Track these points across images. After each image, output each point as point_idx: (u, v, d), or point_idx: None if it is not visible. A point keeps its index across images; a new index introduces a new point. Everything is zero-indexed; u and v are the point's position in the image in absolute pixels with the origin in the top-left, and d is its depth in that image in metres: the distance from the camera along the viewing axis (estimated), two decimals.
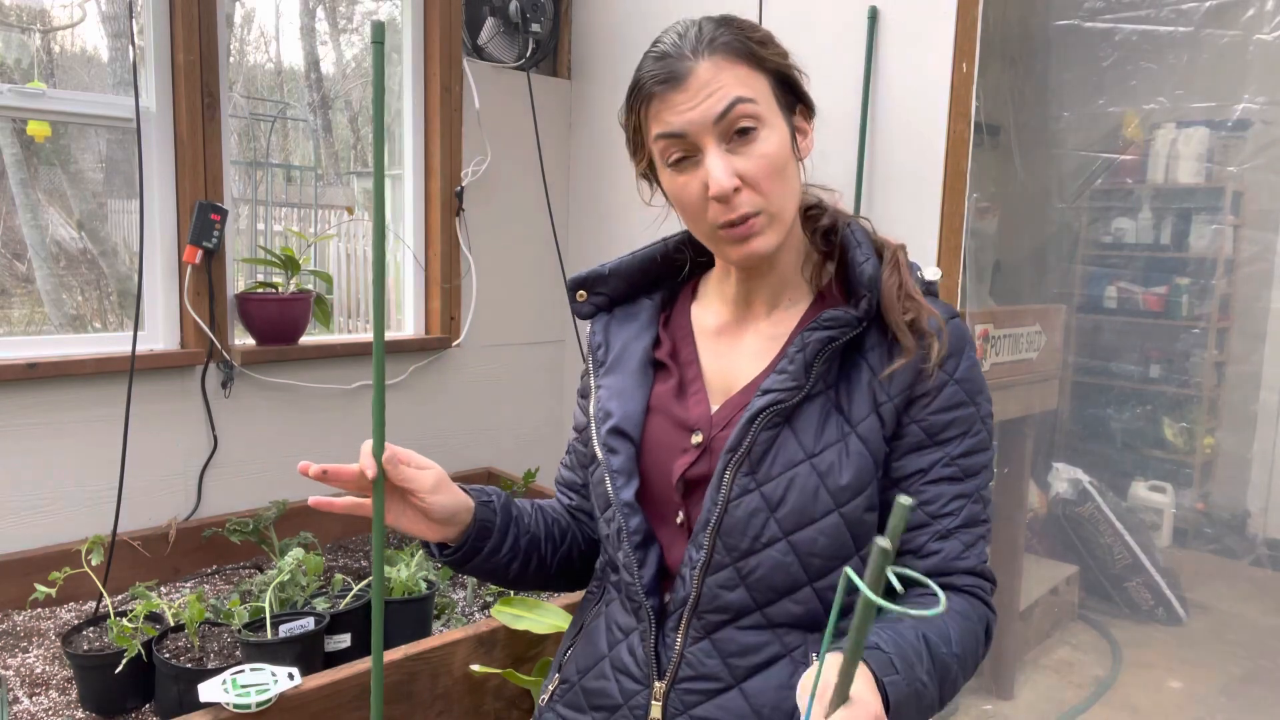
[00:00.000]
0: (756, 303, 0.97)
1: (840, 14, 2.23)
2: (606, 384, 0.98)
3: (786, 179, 0.88)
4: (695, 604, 0.87)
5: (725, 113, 0.84)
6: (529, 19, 2.70)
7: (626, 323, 1.02)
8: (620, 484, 0.92)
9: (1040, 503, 3.39)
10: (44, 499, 2.01)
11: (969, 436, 0.88)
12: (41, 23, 2.22)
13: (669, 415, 0.95)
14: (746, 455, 0.85)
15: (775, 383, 0.87)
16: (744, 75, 0.86)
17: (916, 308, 0.87)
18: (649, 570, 0.90)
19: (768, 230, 0.87)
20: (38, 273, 2.30)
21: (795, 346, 0.87)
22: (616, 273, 1.03)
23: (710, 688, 0.87)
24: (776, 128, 0.87)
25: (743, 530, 0.85)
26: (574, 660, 0.98)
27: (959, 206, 2.08)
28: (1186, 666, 2.96)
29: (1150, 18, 3.08)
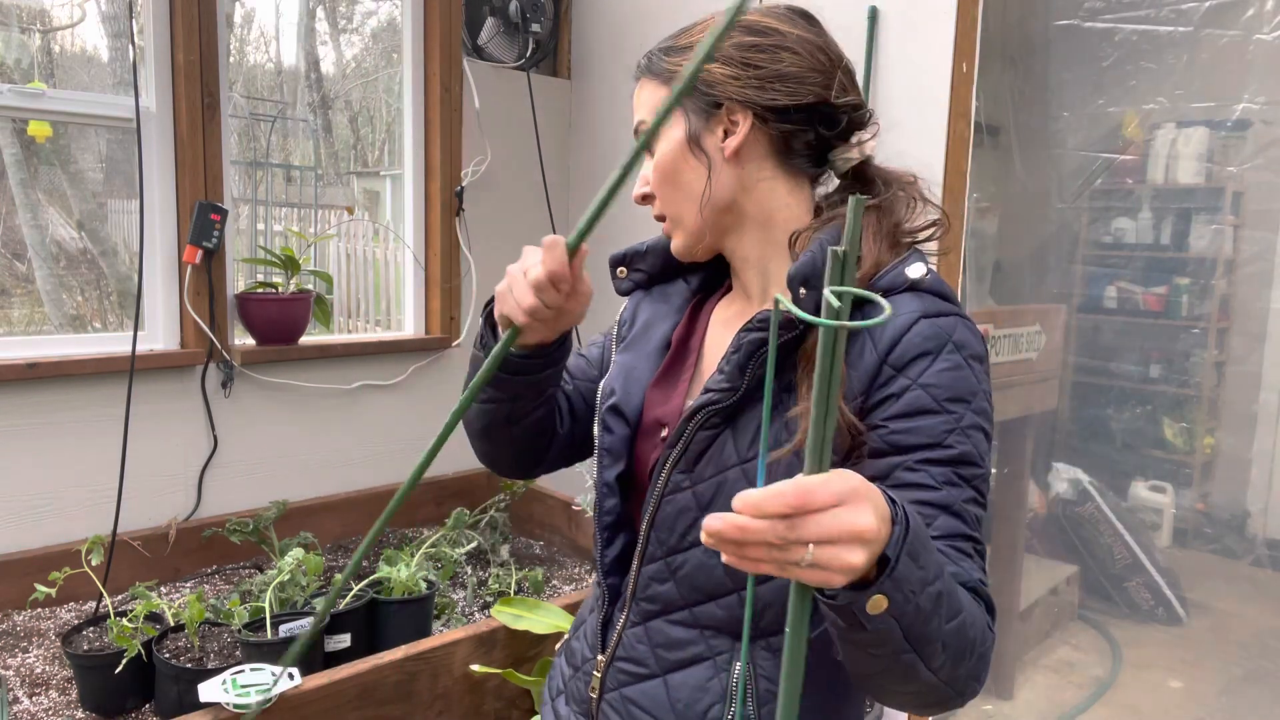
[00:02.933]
0: (752, 295, 0.95)
1: (840, 14, 2.22)
2: (620, 360, 0.99)
3: (677, 184, 0.91)
4: (634, 590, 0.91)
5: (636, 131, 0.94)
6: (529, 19, 2.70)
7: (659, 302, 1.02)
8: (606, 464, 0.94)
9: (1040, 503, 3.39)
10: (44, 499, 2.01)
11: (939, 442, 0.77)
12: (41, 23, 2.22)
13: (655, 403, 0.96)
14: (684, 454, 0.85)
15: (714, 383, 0.85)
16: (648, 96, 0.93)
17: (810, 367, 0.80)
18: (614, 550, 0.93)
19: (675, 232, 0.94)
20: (38, 273, 2.30)
21: (732, 346, 0.83)
22: (654, 249, 1.02)
23: (639, 671, 0.90)
24: (668, 138, 0.91)
25: (671, 526, 0.86)
26: (578, 618, 1.06)
27: (959, 206, 2.08)
28: (1186, 666, 2.96)
29: (1150, 18, 3.08)
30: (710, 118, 0.89)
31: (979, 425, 0.79)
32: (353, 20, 3.48)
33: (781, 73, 0.86)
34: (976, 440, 0.79)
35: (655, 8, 2.66)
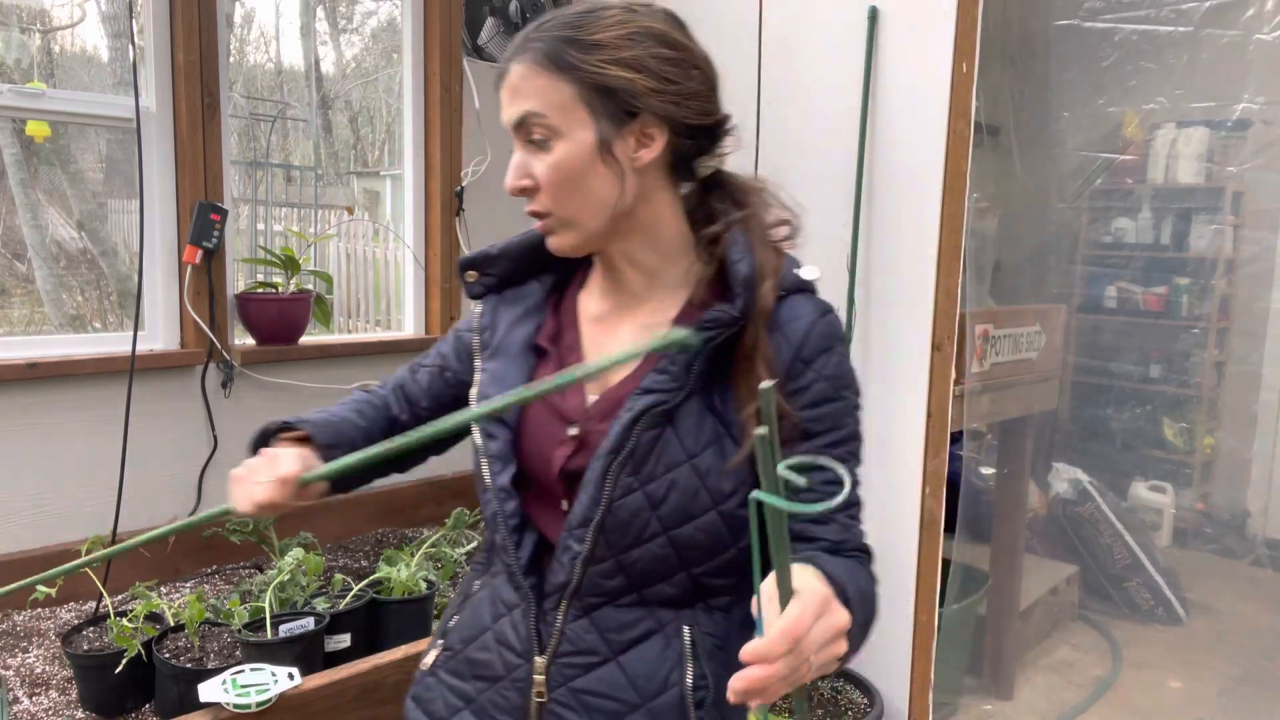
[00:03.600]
0: (626, 293, 0.96)
1: (840, 14, 2.23)
2: (489, 368, 0.99)
3: (580, 188, 0.88)
4: (577, 589, 0.90)
5: (518, 124, 0.89)
6: (529, 19, 2.70)
7: (514, 305, 1.02)
8: (497, 469, 0.94)
9: (1040, 503, 3.39)
10: (44, 499, 2.01)
11: (838, 429, 0.91)
12: (41, 23, 2.22)
13: (547, 403, 0.95)
14: (630, 456, 0.87)
15: (657, 383, 0.87)
16: (544, 85, 0.87)
17: (754, 362, 0.87)
18: (526, 551, 0.93)
19: (560, 232, 0.91)
20: (38, 273, 2.30)
21: None
22: (506, 254, 1.02)
23: (589, 661, 0.90)
24: (573, 139, 0.87)
25: (625, 528, 0.87)
26: (458, 629, 1.00)
27: (959, 206, 2.08)
28: (1186, 666, 2.96)
29: (1150, 18, 3.08)
30: (623, 126, 0.88)
31: (858, 404, 0.94)
32: (353, 20, 3.48)
33: (694, 91, 0.90)
34: (858, 416, 0.94)
35: None
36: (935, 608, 2.20)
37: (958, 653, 2.61)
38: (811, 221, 2.67)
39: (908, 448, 2.19)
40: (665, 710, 0.89)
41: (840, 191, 2.25)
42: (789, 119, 2.36)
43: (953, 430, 2.19)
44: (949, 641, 2.42)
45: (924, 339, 2.15)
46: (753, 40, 2.39)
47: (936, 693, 2.26)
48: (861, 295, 2.23)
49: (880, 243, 2.21)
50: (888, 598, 2.26)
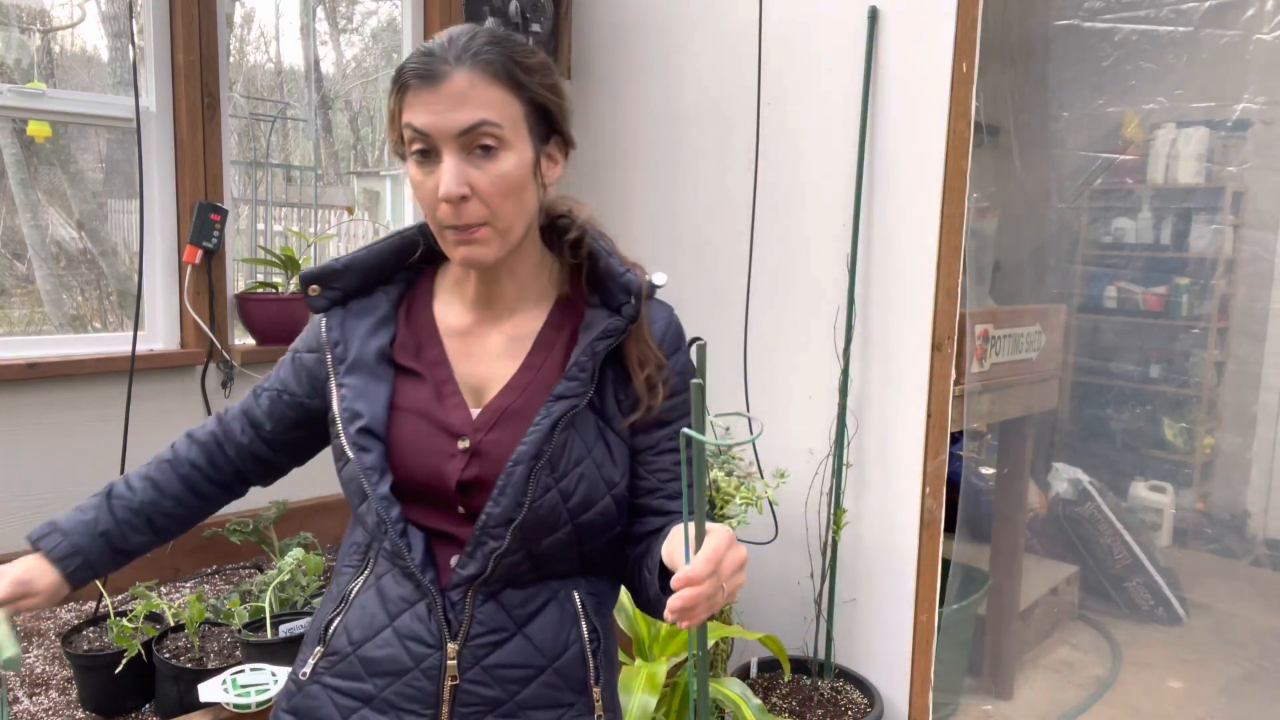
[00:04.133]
0: (498, 305, 1.01)
1: (840, 14, 2.23)
2: (349, 383, 1.01)
3: (520, 200, 0.93)
4: (486, 579, 0.96)
5: (469, 129, 0.89)
6: (529, 19, 2.70)
7: (362, 318, 1.04)
8: (375, 480, 0.97)
9: (1040, 503, 3.39)
10: (44, 499, 2.01)
11: (688, 415, 1.02)
12: (41, 23, 2.22)
13: (428, 418, 0.99)
14: (549, 460, 0.94)
15: (569, 389, 0.95)
16: (497, 97, 0.91)
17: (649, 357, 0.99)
18: (418, 551, 0.97)
19: (492, 241, 0.93)
20: (38, 273, 2.30)
21: (585, 355, 0.96)
22: (351, 267, 1.04)
23: (497, 639, 0.97)
24: (519, 152, 0.92)
25: (543, 524, 0.95)
26: (344, 632, 1.01)
27: (959, 206, 2.08)
28: (1186, 666, 2.96)
29: (1150, 18, 3.08)
30: (544, 145, 0.98)
31: None
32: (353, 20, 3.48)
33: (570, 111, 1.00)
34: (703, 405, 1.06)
35: (655, 7, 2.66)
36: (935, 608, 2.20)
37: (958, 653, 2.61)
38: (811, 221, 2.68)
39: (908, 448, 2.19)
40: (569, 665, 0.99)
41: (840, 191, 2.25)
42: (789, 119, 2.36)
43: (953, 430, 2.19)
44: (949, 641, 2.42)
45: (924, 339, 2.15)
46: (753, 40, 2.39)
47: (936, 693, 2.26)
48: (861, 295, 2.23)
49: (880, 243, 2.21)
50: (888, 597, 2.27)
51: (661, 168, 2.69)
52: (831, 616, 2.28)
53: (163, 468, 1.16)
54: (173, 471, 1.16)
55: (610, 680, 1.05)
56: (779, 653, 2.02)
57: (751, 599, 2.45)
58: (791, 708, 2.18)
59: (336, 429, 1.00)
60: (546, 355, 1.00)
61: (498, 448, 0.96)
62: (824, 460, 2.28)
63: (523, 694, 0.97)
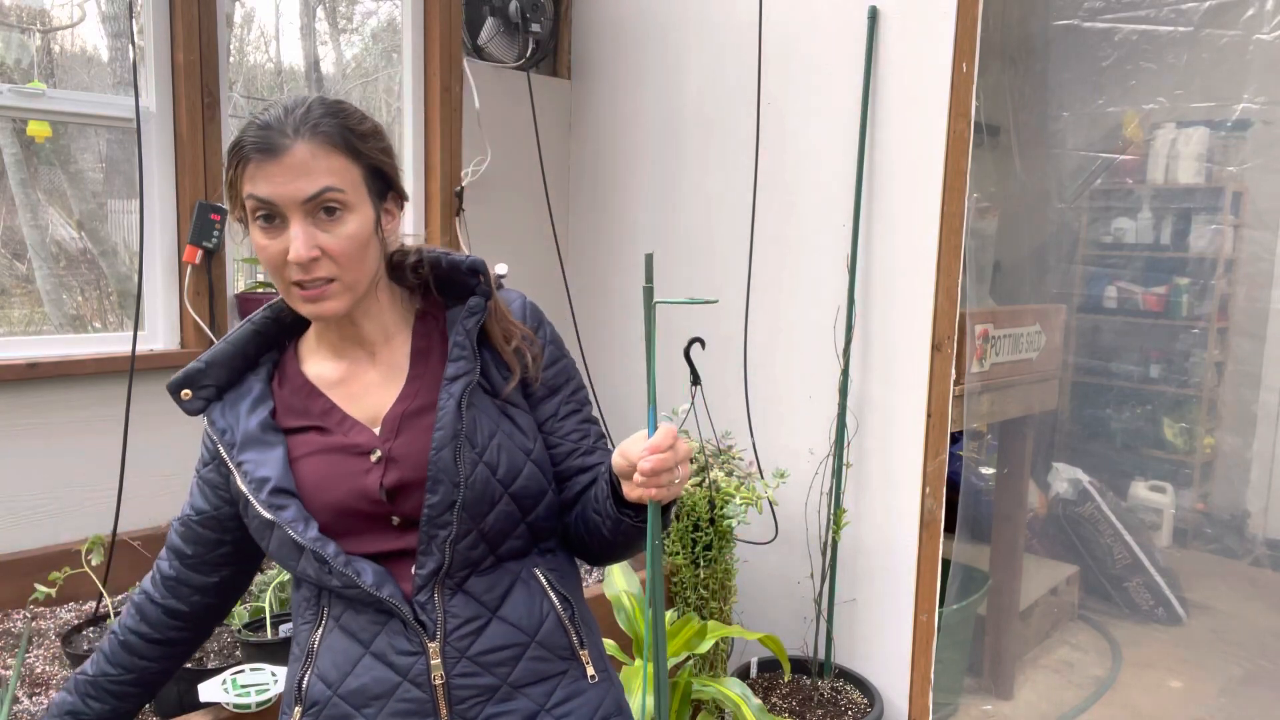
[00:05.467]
0: (365, 343, 1.06)
1: (840, 14, 2.23)
2: (247, 458, 1.02)
3: (364, 256, 0.98)
4: (447, 570, 0.99)
5: (314, 196, 0.94)
6: (529, 19, 2.70)
7: (239, 402, 1.06)
8: (301, 529, 0.98)
9: (1040, 503, 3.39)
10: (44, 499, 2.01)
11: (573, 378, 1.12)
12: (41, 23, 2.22)
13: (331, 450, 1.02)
14: (467, 436, 0.98)
15: (459, 369, 1.00)
16: (338, 165, 0.95)
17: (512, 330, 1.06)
18: (368, 573, 0.98)
19: (341, 295, 0.98)
20: (38, 273, 2.30)
21: (459, 334, 1.02)
22: (215, 363, 1.07)
23: (475, 627, 1.00)
24: (361, 212, 0.97)
25: (481, 498, 0.98)
26: (318, 680, 1.02)
27: (959, 206, 2.08)
28: (1186, 666, 2.96)
29: (1150, 18, 3.08)
30: (382, 202, 1.03)
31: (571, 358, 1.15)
32: (353, 20, 3.48)
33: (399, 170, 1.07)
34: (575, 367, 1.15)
35: (655, 8, 2.66)
36: (935, 608, 2.20)
37: (958, 653, 2.61)
38: (811, 221, 2.68)
39: (908, 448, 2.19)
40: (549, 635, 1.04)
41: (840, 191, 2.25)
42: (789, 119, 2.36)
43: (953, 430, 2.19)
44: (949, 641, 2.42)
45: (924, 339, 2.15)
46: (753, 40, 2.39)
47: (936, 693, 2.26)
48: (861, 295, 2.23)
49: (880, 243, 2.21)
50: (888, 598, 2.27)
51: (661, 168, 2.69)
52: (831, 616, 2.28)
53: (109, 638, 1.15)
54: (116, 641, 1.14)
55: (595, 642, 1.10)
56: (779, 653, 2.02)
57: (751, 599, 2.45)
58: (791, 708, 2.18)
59: (249, 503, 1.02)
60: (427, 363, 1.05)
61: (410, 447, 1.00)
62: (824, 460, 2.28)
63: (514, 674, 1.00)
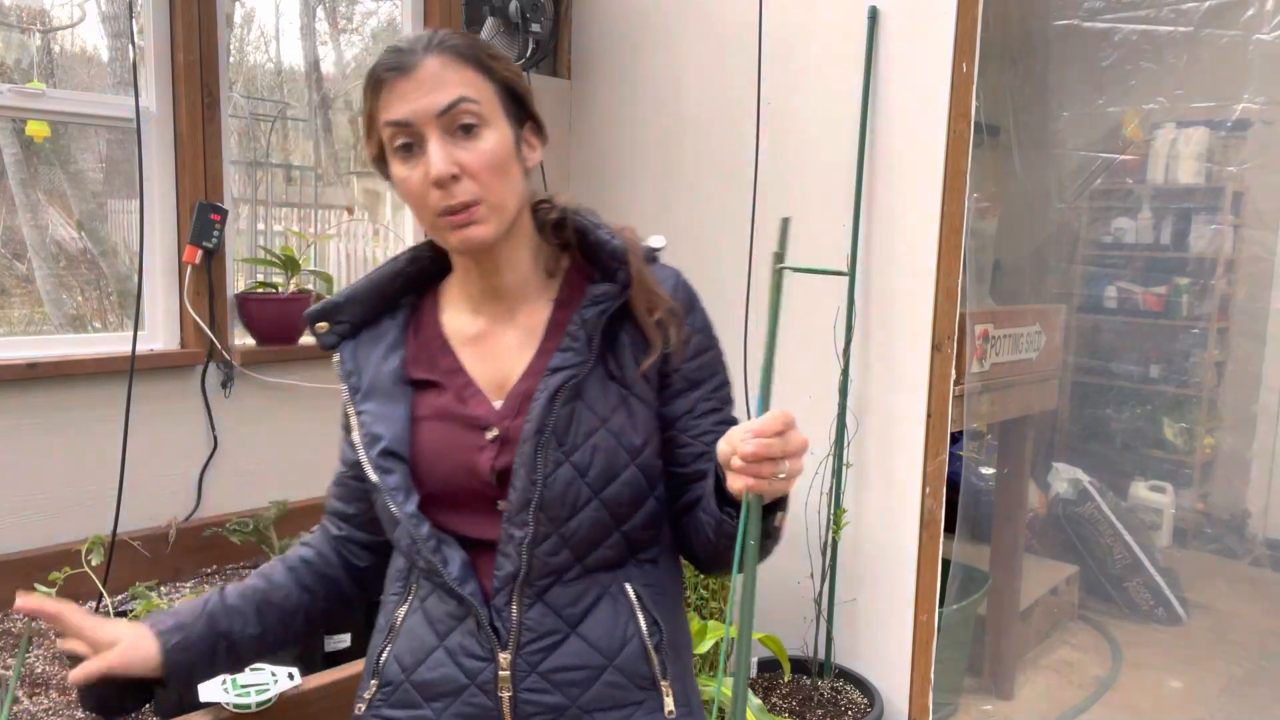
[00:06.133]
0: (505, 299, 1.01)
1: (840, 14, 2.23)
2: (368, 409, 1.01)
3: (507, 176, 0.94)
4: (526, 576, 0.93)
5: (449, 108, 0.90)
6: (529, 19, 2.70)
7: (373, 346, 1.04)
8: (401, 500, 0.96)
9: (1040, 503, 3.39)
10: (44, 499, 2.01)
11: (718, 374, 1.03)
12: (41, 23, 2.22)
13: (451, 418, 0.98)
14: (553, 432, 0.92)
15: (564, 360, 0.94)
16: (470, 78, 0.92)
17: (657, 301, 0.97)
18: (455, 565, 0.95)
19: (488, 220, 0.93)
20: (38, 273, 2.30)
21: (575, 325, 0.95)
22: (353, 299, 1.05)
23: (551, 642, 0.94)
24: (499, 129, 0.94)
25: (562, 501, 0.93)
26: (394, 660, 1.00)
27: (959, 206, 2.08)
28: (1186, 666, 2.96)
29: (1150, 18, 3.08)
30: (520, 129, 0.98)
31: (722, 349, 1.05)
32: (353, 20, 3.47)
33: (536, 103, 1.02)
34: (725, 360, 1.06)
35: (655, 7, 2.66)
36: (935, 608, 2.20)
37: (958, 653, 2.61)
38: (811, 221, 2.68)
39: (908, 448, 2.19)
40: (630, 660, 0.96)
41: (840, 191, 2.25)
42: (789, 119, 2.36)
43: (953, 430, 2.19)
44: (949, 641, 2.42)
45: (924, 339, 2.15)
46: (753, 40, 2.39)
47: (936, 693, 2.26)
48: (861, 295, 2.23)
49: (880, 242, 2.21)
50: (888, 598, 2.27)
51: (661, 168, 2.69)
52: (831, 616, 2.28)
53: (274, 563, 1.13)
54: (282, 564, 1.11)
55: (680, 672, 1.01)
56: (779, 653, 2.02)
57: None
58: (791, 708, 2.18)
59: (360, 457, 1.00)
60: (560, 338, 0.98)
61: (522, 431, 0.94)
62: (824, 460, 2.28)
63: (585, 697, 0.94)
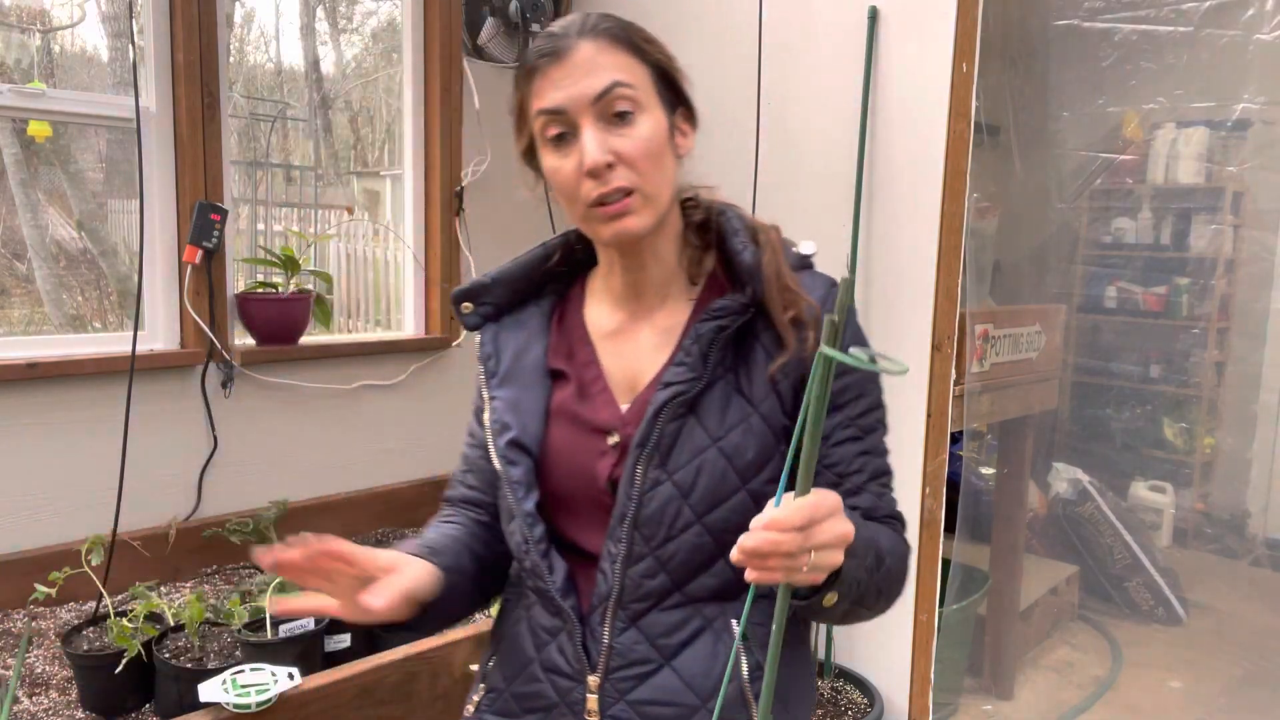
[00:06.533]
0: (646, 296, 0.97)
1: (840, 14, 2.23)
2: (501, 395, 0.98)
3: (661, 164, 0.90)
4: (619, 597, 0.89)
5: (603, 94, 0.87)
6: (529, 19, 2.70)
7: (516, 331, 1.01)
8: (521, 495, 0.92)
9: (1040, 503, 3.39)
10: (44, 499, 2.01)
11: (864, 397, 0.95)
12: (41, 23, 2.22)
13: (578, 421, 0.95)
14: (656, 448, 0.88)
15: (675, 375, 0.89)
16: (624, 62, 0.89)
17: (794, 300, 0.91)
18: (559, 574, 0.92)
19: (641, 210, 0.89)
20: (38, 273, 2.30)
21: (690, 338, 0.90)
22: (500, 281, 1.02)
23: (642, 671, 0.89)
24: (654, 116, 0.90)
25: (658, 520, 0.88)
26: (499, 668, 0.99)
27: (959, 206, 2.08)
28: (1186, 666, 2.96)
29: (1150, 18, 3.08)
30: (673, 115, 0.94)
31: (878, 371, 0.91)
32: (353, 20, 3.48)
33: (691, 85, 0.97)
34: (878, 382, 0.97)
35: (655, 7, 2.66)
36: (935, 608, 2.20)
37: (958, 653, 2.61)
38: (811, 221, 2.68)
39: (908, 448, 2.19)
40: (727, 706, 0.88)
41: (840, 191, 2.25)
42: (789, 119, 2.36)
43: (953, 430, 2.19)
44: (949, 641, 2.42)
45: (924, 339, 2.15)
46: (753, 40, 2.39)
47: (936, 693, 2.26)
48: (861, 295, 2.23)
49: (880, 243, 2.21)
50: None
51: None
52: None
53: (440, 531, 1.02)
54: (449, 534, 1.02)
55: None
56: None
57: None
58: None
59: (489, 444, 0.97)
60: None
61: None
62: None
63: None
